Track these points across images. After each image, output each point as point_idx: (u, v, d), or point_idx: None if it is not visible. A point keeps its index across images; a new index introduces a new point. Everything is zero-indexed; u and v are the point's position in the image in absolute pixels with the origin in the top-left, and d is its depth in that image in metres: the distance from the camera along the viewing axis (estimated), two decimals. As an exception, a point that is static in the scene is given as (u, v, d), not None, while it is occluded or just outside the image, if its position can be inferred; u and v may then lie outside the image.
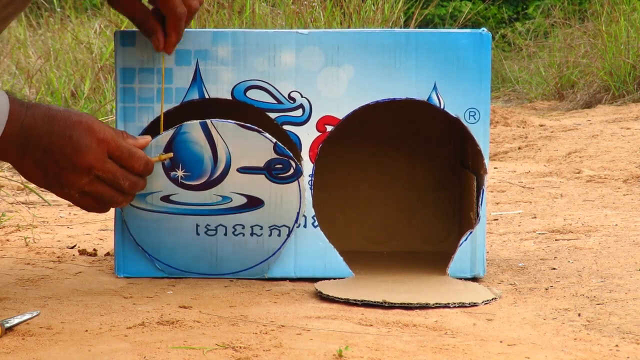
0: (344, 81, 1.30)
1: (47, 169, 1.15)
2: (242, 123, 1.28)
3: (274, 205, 1.29)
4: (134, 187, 1.21)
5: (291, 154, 1.28)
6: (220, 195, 1.29)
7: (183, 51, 1.30)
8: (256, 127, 1.28)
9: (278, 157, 1.28)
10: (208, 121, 1.27)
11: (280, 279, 1.32)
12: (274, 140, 1.28)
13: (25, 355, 0.93)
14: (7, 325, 1.01)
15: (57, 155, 1.15)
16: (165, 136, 1.27)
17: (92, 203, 1.20)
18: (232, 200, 1.29)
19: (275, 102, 1.30)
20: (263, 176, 1.28)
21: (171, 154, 1.27)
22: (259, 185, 1.29)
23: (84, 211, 2.05)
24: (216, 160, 1.28)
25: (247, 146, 1.28)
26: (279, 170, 1.28)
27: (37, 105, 1.15)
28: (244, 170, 1.28)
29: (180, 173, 1.28)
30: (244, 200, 1.29)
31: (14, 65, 4.07)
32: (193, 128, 1.27)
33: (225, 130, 1.28)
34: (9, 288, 1.25)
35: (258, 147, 1.28)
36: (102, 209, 1.22)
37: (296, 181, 1.29)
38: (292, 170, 1.28)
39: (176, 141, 1.27)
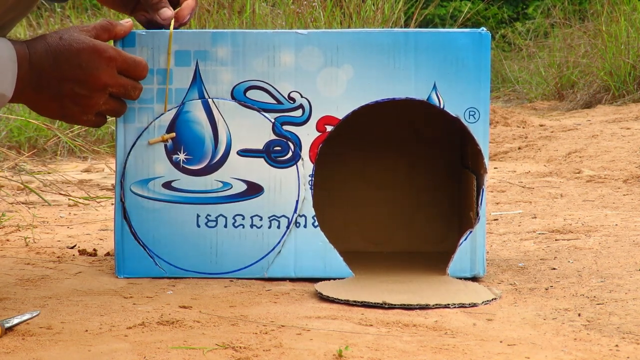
0: (344, 81, 1.30)
1: (63, 100, 1.20)
2: (242, 102, 1.29)
3: (273, 191, 1.30)
4: (140, 93, 1.27)
5: (289, 135, 1.29)
6: (221, 181, 1.30)
7: (183, 52, 1.30)
8: (256, 107, 1.29)
9: (277, 138, 1.29)
10: (209, 100, 1.29)
11: (280, 279, 1.32)
12: (273, 119, 1.29)
13: (25, 355, 0.93)
14: (7, 325, 1.01)
15: (72, 84, 1.20)
16: (168, 115, 1.29)
17: (104, 119, 1.27)
18: (232, 187, 1.30)
19: (275, 102, 1.30)
20: (262, 160, 1.30)
21: (174, 134, 1.29)
22: (259, 170, 1.30)
23: (83, 211, 2.05)
24: (217, 141, 1.29)
25: (247, 126, 1.30)
26: (277, 152, 1.29)
27: (34, 41, 1.19)
28: (243, 153, 1.29)
29: (182, 156, 1.29)
30: (244, 186, 1.30)
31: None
32: (195, 107, 1.29)
33: (226, 108, 1.29)
34: (9, 288, 1.25)
35: (257, 127, 1.30)
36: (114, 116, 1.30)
37: (294, 165, 1.30)
38: (290, 153, 1.29)
39: (179, 121, 1.29)
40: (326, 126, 1.31)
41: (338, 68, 1.30)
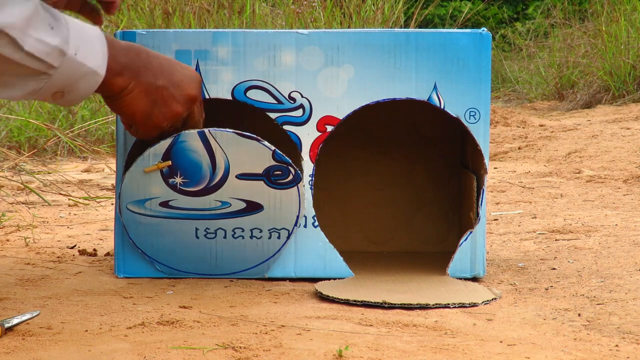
0: (344, 81, 1.30)
1: (156, 97, 1.15)
2: (241, 132, 1.27)
3: (273, 209, 1.29)
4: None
5: (290, 161, 1.28)
6: (220, 201, 1.28)
7: (183, 51, 1.30)
8: (255, 136, 1.27)
9: (277, 164, 1.28)
10: (206, 130, 1.26)
11: (280, 279, 1.32)
12: (273, 147, 1.27)
13: (25, 355, 0.93)
14: (7, 325, 1.01)
15: (168, 80, 1.15)
16: (163, 144, 1.26)
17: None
18: (231, 205, 1.29)
19: (275, 102, 1.30)
20: (262, 182, 1.28)
21: (169, 162, 1.26)
22: (258, 191, 1.28)
23: (83, 211, 2.05)
24: (215, 168, 1.27)
25: (246, 154, 1.27)
26: (278, 176, 1.28)
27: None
28: (242, 176, 1.27)
29: (178, 180, 1.27)
30: (243, 205, 1.29)
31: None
32: (191, 137, 1.26)
33: (224, 139, 1.27)
34: (9, 288, 1.25)
35: (257, 155, 1.27)
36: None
37: (295, 187, 1.28)
38: (291, 177, 1.28)
39: (174, 149, 1.26)
40: (327, 126, 1.31)
41: (339, 68, 1.30)
